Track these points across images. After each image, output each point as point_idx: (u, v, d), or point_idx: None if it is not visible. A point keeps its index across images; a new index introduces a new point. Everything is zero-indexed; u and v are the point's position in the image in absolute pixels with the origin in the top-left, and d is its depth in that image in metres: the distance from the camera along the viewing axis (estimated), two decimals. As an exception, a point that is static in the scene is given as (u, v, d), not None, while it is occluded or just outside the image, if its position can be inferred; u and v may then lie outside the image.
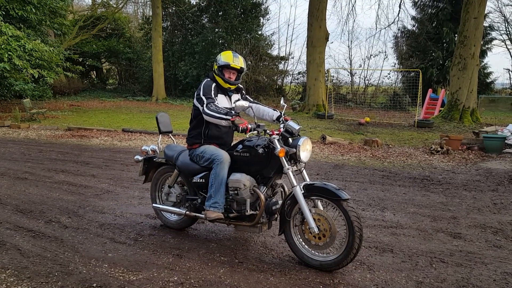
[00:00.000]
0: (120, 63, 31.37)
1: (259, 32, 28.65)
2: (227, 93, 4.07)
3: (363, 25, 58.24)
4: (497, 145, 9.73)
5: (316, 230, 3.49)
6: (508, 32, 33.21)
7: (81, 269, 3.58)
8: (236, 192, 3.75)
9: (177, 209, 4.34)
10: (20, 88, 20.24)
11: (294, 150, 3.60)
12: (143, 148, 4.76)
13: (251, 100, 4.25)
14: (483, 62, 25.80)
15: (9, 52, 13.88)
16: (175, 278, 3.43)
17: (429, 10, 26.58)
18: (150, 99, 25.23)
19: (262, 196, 3.66)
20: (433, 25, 25.63)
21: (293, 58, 39.05)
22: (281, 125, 3.86)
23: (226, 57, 3.97)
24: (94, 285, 3.29)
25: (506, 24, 33.32)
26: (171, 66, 27.82)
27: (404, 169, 8.00)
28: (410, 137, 12.48)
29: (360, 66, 27.87)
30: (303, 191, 3.54)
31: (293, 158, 3.68)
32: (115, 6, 30.35)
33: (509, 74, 33.87)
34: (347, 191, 4.79)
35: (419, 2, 27.01)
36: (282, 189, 4.08)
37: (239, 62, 3.96)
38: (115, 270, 3.56)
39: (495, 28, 30.53)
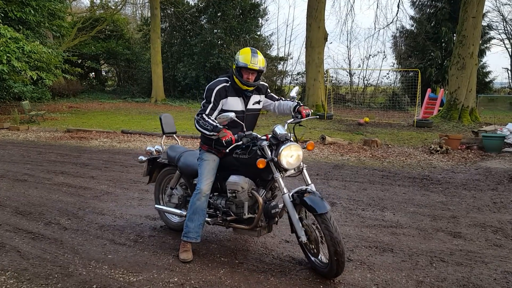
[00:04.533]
0: (119, 65, 31.35)
1: (258, 33, 28.65)
2: (243, 94, 3.75)
3: (361, 25, 58.35)
4: (496, 144, 9.74)
5: (304, 239, 3.43)
6: (506, 31, 33.30)
7: (81, 270, 3.57)
8: (234, 195, 3.66)
9: (179, 211, 4.30)
10: (19, 90, 20.21)
11: (274, 159, 3.41)
12: (147, 148, 4.71)
13: (276, 97, 4.03)
14: (481, 61, 25.83)
15: (7, 54, 13.86)
16: (175, 279, 3.42)
17: (427, 9, 26.60)
18: (149, 100, 25.22)
19: (260, 200, 3.58)
20: (432, 24, 25.65)
21: (292, 58, 39.06)
22: (292, 120, 3.73)
23: (244, 57, 3.62)
24: (94, 286, 3.29)
25: (505, 23, 33.42)
26: (170, 67, 27.81)
27: (403, 169, 8.00)
28: (409, 137, 12.48)
29: (359, 66, 27.91)
30: (291, 199, 3.44)
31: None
32: (113, 7, 30.35)
33: (508, 73, 33.94)
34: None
35: (417, 2, 27.04)
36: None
37: (258, 62, 3.62)
38: (115, 272, 3.56)
39: (493, 27, 30.60)
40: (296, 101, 3.87)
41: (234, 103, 3.73)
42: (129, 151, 9.89)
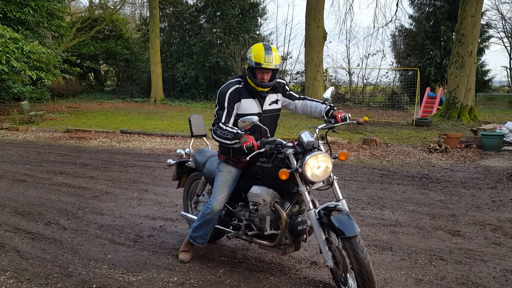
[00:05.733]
0: (118, 65, 31.31)
1: (257, 32, 28.63)
2: (258, 94, 3.39)
3: (360, 24, 58.41)
4: (495, 143, 9.74)
5: (330, 264, 3.00)
6: (505, 30, 33.33)
7: (80, 270, 3.58)
8: (255, 207, 3.29)
9: None
10: (18, 91, 20.20)
11: (299, 169, 3.00)
12: (177, 151, 4.40)
13: (297, 96, 3.65)
14: (480, 60, 25.84)
15: (7, 54, 13.86)
16: (175, 279, 3.43)
17: (426, 8, 26.60)
18: (148, 100, 25.21)
19: (284, 214, 3.17)
20: (431, 23, 25.66)
21: (291, 58, 39.02)
22: (324, 125, 3.32)
23: (257, 55, 3.22)
24: (94, 286, 3.29)
25: (503, 22, 33.43)
26: (169, 67, 27.80)
27: (402, 168, 8.00)
28: (408, 135, 12.49)
29: (358, 65, 27.85)
30: (317, 217, 3.02)
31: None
32: (112, 7, 30.31)
33: (507, 71, 34.02)
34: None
35: (416, 1, 27.04)
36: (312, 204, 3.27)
37: (272, 60, 3.23)
38: (115, 271, 3.56)
39: (492, 26, 30.63)
40: (329, 103, 3.40)
41: (249, 106, 3.38)
42: (128, 151, 9.89)
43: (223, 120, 3.29)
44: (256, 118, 3.04)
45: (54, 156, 9.18)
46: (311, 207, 3.07)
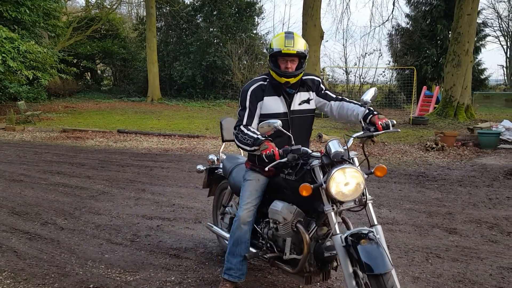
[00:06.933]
0: (114, 64, 31.25)
1: (254, 31, 28.63)
2: (284, 92, 2.97)
3: (357, 23, 58.50)
4: (491, 141, 9.77)
5: None
6: (501, 28, 33.42)
7: (77, 270, 3.57)
8: (275, 226, 2.91)
9: (227, 234, 3.44)
10: (15, 91, 20.12)
11: (323, 185, 2.53)
12: (209, 157, 4.08)
13: (334, 96, 3.13)
14: (477, 58, 25.89)
15: (3, 54, 13.82)
16: (173, 278, 3.43)
17: (422, 7, 26.63)
18: (145, 99, 25.16)
19: (307, 237, 2.71)
20: (427, 22, 25.68)
21: (288, 57, 39.06)
22: (362, 133, 2.79)
23: (277, 42, 2.84)
24: (91, 286, 3.29)
25: (500, 21, 33.55)
26: (166, 66, 27.74)
27: (399, 166, 8.02)
28: (405, 134, 12.52)
29: (355, 64, 27.83)
30: (344, 244, 2.49)
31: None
32: (109, 7, 30.24)
33: (503, 70, 34.13)
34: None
35: (412, 0, 27.07)
36: (345, 225, 2.90)
37: (294, 44, 2.81)
38: (112, 271, 3.56)
39: (488, 24, 30.68)
40: (368, 107, 2.87)
41: (273, 104, 2.96)
42: (125, 151, 9.88)
43: (244, 122, 2.93)
44: (279, 122, 2.64)
45: (50, 156, 9.16)
46: (338, 231, 2.54)
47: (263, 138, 2.72)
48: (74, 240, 4.28)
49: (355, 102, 3.06)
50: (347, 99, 3.11)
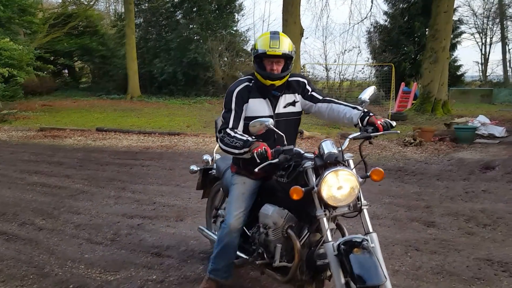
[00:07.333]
0: (93, 61, 30.71)
1: (235, 28, 28.56)
2: (269, 95, 2.86)
3: (337, 20, 59.02)
4: (468, 136, 10.00)
5: None
6: (476, 26, 34.09)
7: (57, 271, 3.52)
8: (266, 231, 2.78)
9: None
10: (-10, 89, 19.60)
11: (315, 188, 2.40)
12: (203, 157, 3.91)
13: (320, 98, 2.99)
14: (453, 55, 26.37)
15: (-24, 52, 13.47)
16: (154, 277, 3.41)
17: (400, 4, 26.97)
18: (125, 97, 24.82)
19: (298, 243, 2.57)
20: (405, 19, 26.04)
21: (269, 54, 39.13)
22: (359, 134, 2.72)
23: (262, 42, 2.75)
24: (71, 286, 3.25)
25: (475, 18, 34.19)
26: (146, 63, 27.40)
27: (379, 161, 8.13)
28: (384, 130, 12.67)
29: (335, 61, 28.04)
30: (336, 252, 2.35)
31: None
32: (86, 3, 29.68)
33: (479, 66, 34.81)
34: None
35: (390, -3, 27.39)
36: (340, 232, 2.74)
37: (280, 45, 2.71)
38: (92, 271, 3.52)
39: (464, 22, 31.22)
40: (364, 108, 2.76)
41: (258, 107, 2.85)
42: (104, 149, 9.74)
43: (230, 125, 2.79)
44: (271, 121, 2.52)
45: (28, 155, 8.96)
46: (330, 238, 2.40)
47: (253, 139, 2.59)
48: (53, 240, 4.22)
49: (345, 104, 2.93)
50: (336, 100, 2.99)
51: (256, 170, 2.47)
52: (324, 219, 2.42)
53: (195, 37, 26.29)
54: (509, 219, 4.75)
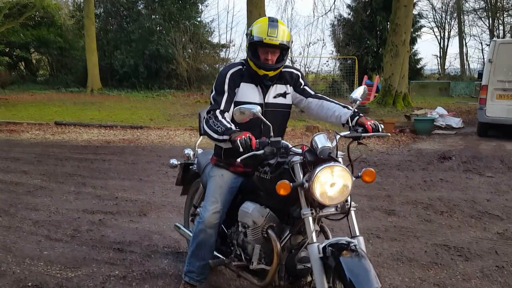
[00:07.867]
0: (51, 53, 29.60)
1: (198, 19, 28.21)
2: (261, 82, 2.70)
3: (301, 12, 59.35)
4: (426, 127, 10.35)
5: None
6: (435, 20, 35.17)
7: (14, 269, 3.39)
8: (244, 230, 2.61)
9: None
10: None
11: (305, 185, 2.20)
12: (185, 151, 3.67)
13: (312, 93, 2.85)
14: (413, 49, 27.14)
15: None
16: (117, 272, 3.35)
17: (363, -2, 27.47)
18: (85, 90, 24.12)
19: (278, 245, 2.40)
20: (367, 13, 26.53)
21: (234, 45, 38.95)
22: (349, 133, 2.63)
23: (259, 28, 2.56)
24: (30, 284, 3.14)
25: (434, 12, 35.26)
26: (106, 55, 26.68)
27: (343, 153, 8.27)
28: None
29: (300, 54, 28.34)
30: (321, 255, 2.17)
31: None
32: (42, -8, 28.54)
33: (437, 60, 36.00)
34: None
35: (353, -9, 27.82)
36: (324, 235, 2.56)
37: (278, 34, 2.53)
38: (52, 268, 3.42)
39: (423, 16, 32.15)
40: (354, 108, 2.62)
41: (249, 92, 2.69)
42: (63, 144, 9.44)
43: (222, 107, 2.61)
44: (258, 108, 2.33)
45: (-19, 151, 8.56)
46: (315, 239, 2.22)
47: (237, 129, 2.39)
48: (10, 238, 4.05)
49: (336, 102, 2.82)
50: (327, 98, 2.85)
51: (238, 160, 2.27)
52: (310, 218, 2.24)
53: (158, 28, 25.80)
54: (465, 206, 4.96)
